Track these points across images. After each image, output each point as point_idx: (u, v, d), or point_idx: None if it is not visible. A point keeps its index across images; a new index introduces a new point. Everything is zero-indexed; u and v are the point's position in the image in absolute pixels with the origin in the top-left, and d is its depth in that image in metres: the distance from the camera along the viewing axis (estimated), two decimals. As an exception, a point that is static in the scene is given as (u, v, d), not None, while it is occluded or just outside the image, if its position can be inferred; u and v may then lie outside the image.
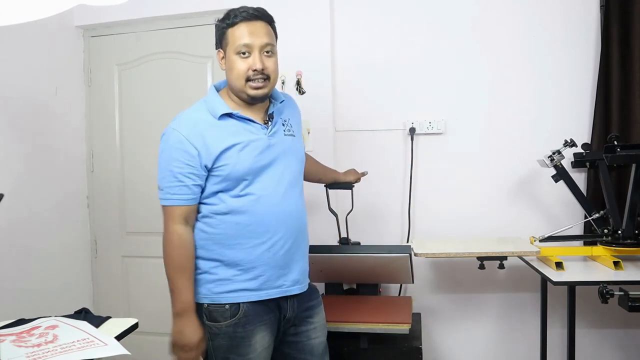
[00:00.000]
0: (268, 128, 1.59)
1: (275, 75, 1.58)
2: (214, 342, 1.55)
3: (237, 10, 1.54)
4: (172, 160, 1.51)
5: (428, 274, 2.63)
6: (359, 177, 2.22)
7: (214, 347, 1.55)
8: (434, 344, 2.64)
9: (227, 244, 1.55)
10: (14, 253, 2.36)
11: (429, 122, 2.56)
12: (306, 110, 2.56)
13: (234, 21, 1.53)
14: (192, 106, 1.62)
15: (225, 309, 1.54)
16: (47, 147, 2.59)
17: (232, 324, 1.53)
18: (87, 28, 2.86)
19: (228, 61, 1.56)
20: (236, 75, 1.54)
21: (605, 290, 1.71)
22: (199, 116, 1.56)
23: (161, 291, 2.77)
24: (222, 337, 1.54)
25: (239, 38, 1.52)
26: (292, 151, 1.64)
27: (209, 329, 1.55)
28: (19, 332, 1.55)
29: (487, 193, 2.55)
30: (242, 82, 1.53)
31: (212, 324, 1.55)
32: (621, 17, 2.35)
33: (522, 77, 2.51)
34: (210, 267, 1.56)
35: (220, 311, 1.54)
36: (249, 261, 1.54)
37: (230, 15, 1.55)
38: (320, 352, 1.71)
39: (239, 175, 1.52)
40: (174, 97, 2.74)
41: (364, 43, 2.62)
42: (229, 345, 1.54)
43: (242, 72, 1.53)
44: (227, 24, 1.55)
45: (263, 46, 1.54)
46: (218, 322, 1.54)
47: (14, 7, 1.03)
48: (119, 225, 2.87)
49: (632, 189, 2.10)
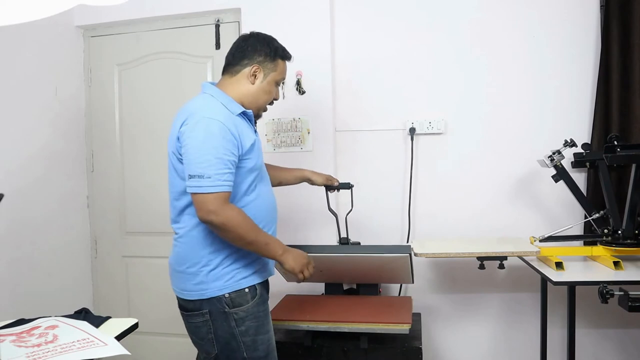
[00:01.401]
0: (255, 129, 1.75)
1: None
2: (240, 327, 1.61)
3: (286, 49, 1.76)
4: (220, 148, 1.52)
5: (428, 274, 2.63)
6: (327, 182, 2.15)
7: (241, 333, 1.61)
8: (434, 344, 2.64)
9: None
10: (14, 253, 2.36)
11: (429, 122, 2.57)
12: (306, 110, 2.58)
13: (285, 56, 1.75)
14: (207, 99, 1.65)
15: (245, 292, 1.63)
16: (47, 147, 2.59)
17: (255, 304, 1.63)
18: (87, 28, 2.86)
19: (266, 84, 1.71)
20: (267, 99, 1.75)
21: (605, 290, 1.71)
22: (225, 110, 1.61)
23: (161, 291, 2.80)
24: (250, 319, 1.62)
25: (284, 72, 1.76)
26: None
27: (234, 315, 1.61)
28: (19, 332, 1.55)
29: (487, 193, 2.55)
30: (265, 105, 1.76)
31: (236, 309, 1.61)
32: (621, 17, 2.35)
33: (522, 77, 2.51)
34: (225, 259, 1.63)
35: (242, 295, 1.62)
36: None
37: (284, 50, 1.76)
38: None
39: (257, 168, 1.67)
40: (174, 97, 2.74)
41: (364, 43, 2.62)
42: (256, 326, 1.63)
43: (271, 98, 1.76)
44: (281, 55, 1.74)
45: None
46: (242, 305, 1.61)
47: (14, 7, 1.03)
48: (119, 225, 2.87)
49: (632, 189, 2.10)
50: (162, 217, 2.77)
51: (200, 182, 1.52)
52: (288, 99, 2.58)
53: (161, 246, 2.81)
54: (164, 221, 2.76)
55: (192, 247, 1.66)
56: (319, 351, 2.07)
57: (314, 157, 2.57)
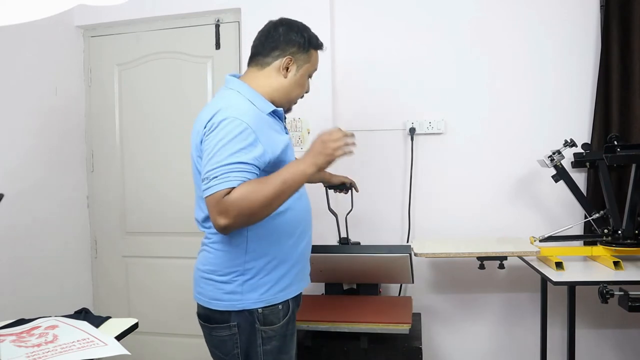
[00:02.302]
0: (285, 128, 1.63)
1: None
2: (265, 346, 1.50)
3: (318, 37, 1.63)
4: (239, 152, 1.35)
5: (428, 274, 2.63)
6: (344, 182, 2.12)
7: (264, 352, 1.50)
8: (434, 344, 2.64)
9: (280, 241, 1.51)
10: (14, 253, 2.36)
11: (429, 122, 2.57)
12: (306, 110, 2.57)
13: (319, 46, 1.62)
14: (233, 96, 1.49)
15: (279, 309, 1.51)
16: (47, 147, 2.59)
17: (284, 323, 1.52)
18: (87, 28, 2.86)
19: (299, 77, 1.59)
20: (300, 92, 1.63)
21: (605, 290, 1.71)
22: (253, 108, 1.47)
23: (161, 291, 2.80)
24: (276, 339, 1.51)
25: (316, 63, 1.64)
26: None
27: (263, 333, 1.49)
28: (19, 332, 1.55)
29: (487, 193, 2.55)
30: (297, 98, 1.64)
31: (267, 327, 1.50)
32: (621, 17, 2.35)
33: (522, 77, 2.51)
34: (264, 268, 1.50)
35: (275, 312, 1.50)
36: (296, 257, 1.56)
37: (317, 38, 1.62)
38: None
39: None
40: (174, 97, 2.74)
41: (364, 43, 2.62)
42: (280, 346, 1.52)
43: (303, 91, 1.64)
44: (314, 45, 1.61)
45: None
46: (274, 324, 1.50)
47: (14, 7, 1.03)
48: (119, 225, 2.87)
49: (632, 189, 2.10)
50: (162, 217, 2.78)
51: (206, 184, 1.35)
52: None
53: (161, 246, 2.81)
54: (164, 221, 2.77)
55: (228, 253, 1.49)
56: (319, 351, 2.07)
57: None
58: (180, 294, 2.69)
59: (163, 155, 2.76)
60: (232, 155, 1.35)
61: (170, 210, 2.76)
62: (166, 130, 2.75)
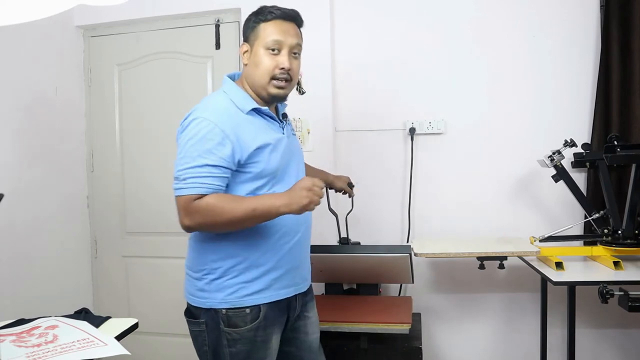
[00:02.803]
0: (284, 127, 1.59)
1: (296, 78, 1.56)
2: (231, 348, 1.49)
3: (273, 8, 1.52)
4: (203, 152, 1.39)
5: (428, 274, 2.63)
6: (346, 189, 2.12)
7: (231, 354, 1.49)
8: (434, 344, 2.64)
9: (254, 244, 1.49)
10: (14, 253, 2.36)
11: (429, 122, 2.57)
12: (306, 110, 2.58)
13: (268, 17, 1.50)
14: (214, 96, 1.54)
15: (246, 313, 1.48)
16: (47, 147, 2.59)
17: (253, 328, 1.49)
18: (87, 28, 2.86)
19: (254, 56, 1.51)
20: (262, 71, 1.50)
21: (605, 290, 1.71)
22: (229, 106, 1.48)
23: (161, 291, 2.80)
24: (243, 343, 1.48)
25: (271, 34, 1.49)
26: (298, 150, 1.68)
27: (227, 335, 1.48)
28: (19, 332, 1.55)
29: (487, 193, 2.55)
30: (267, 79, 1.50)
31: (231, 329, 1.48)
32: (621, 17, 2.35)
33: (522, 77, 2.51)
34: (231, 269, 1.49)
35: (240, 316, 1.48)
36: (273, 262, 1.51)
37: (264, 10, 1.52)
38: (317, 349, 1.70)
39: (267, 173, 1.49)
40: (174, 97, 2.74)
41: (364, 43, 2.62)
42: (248, 351, 1.49)
43: (269, 68, 1.49)
44: (260, 18, 1.51)
45: (293, 46, 1.52)
46: (238, 327, 1.48)
47: (14, 7, 1.03)
48: (119, 225, 2.87)
49: (632, 189, 2.10)
50: (162, 217, 2.78)
51: (177, 184, 1.41)
52: (288, 98, 2.57)
53: (161, 246, 2.81)
54: (164, 221, 2.77)
55: (199, 251, 1.53)
56: (319, 351, 2.07)
57: (314, 157, 2.56)
58: (180, 294, 2.65)
59: (163, 155, 2.76)
60: (199, 156, 1.39)
61: (170, 210, 2.72)
62: (166, 130, 2.75)
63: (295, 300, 1.60)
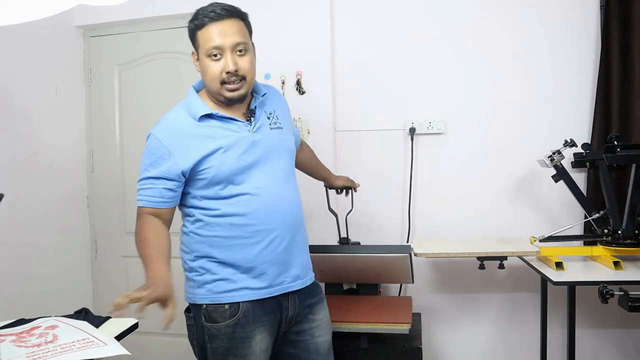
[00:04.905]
0: (251, 124, 1.56)
1: (252, 74, 1.54)
2: (212, 344, 1.53)
3: (206, 10, 1.49)
4: (148, 166, 1.54)
5: (428, 274, 2.63)
6: (347, 186, 2.15)
7: (212, 350, 1.53)
8: (434, 344, 2.64)
9: (223, 245, 1.53)
10: (14, 253, 2.36)
11: (429, 122, 2.56)
12: (306, 110, 2.58)
13: (202, 22, 1.48)
14: (173, 108, 1.62)
15: (224, 309, 1.52)
16: (47, 147, 2.59)
17: (231, 324, 1.51)
18: (87, 28, 2.86)
19: (201, 64, 1.53)
20: (210, 78, 1.51)
21: (605, 290, 1.71)
22: (179, 119, 1.55)
23: (161, 291, 2.79)
24: (221, 339, 1.52)
25: (209, 40, 1.48)
26: (280, 145, 1.62)
27: (207, 330, 1.53)
28: (19, 332, 1.55)
29: (487, 193, 2.55)
30: (217, 84, 1.50)
31: (210, 325, 1.53)
32: (621, 17, 2.34)
33: (522, 77, 2.51)
34: (209, 267, 1.55)
35: (219, 311, 1.52)
36: (247, 261, 1.53)
37: (198, 15, 1.50)
38: (325, 352, 1.68)
39: (223, 177, 1.50)
40: (174, 97, 2.70)
41: (364, 43, 2.62)
42: (227, 347, 1.52)
43: (216, 74, 1.49)
44: (196, 24, 1.50)
45: (234, 46, 1.49)
46: (217, 322, 1.52)
47: (14, 7, 1.03)
48: (119, 225, 2.87)
49: (632, 189, 2.10)
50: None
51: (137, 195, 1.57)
52: (288, 99, 2.57)
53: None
54: (164, 221, 2.77)
55: (183, 249, 1.63)
56: (319, 351, 2.07)
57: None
58: (180, 293, 2.68)
59: (163, 155, 2.75)
60: (144, 170, 1.56)
61: (170, 210, 2.75)
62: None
63: (288, 300, 1.59)
